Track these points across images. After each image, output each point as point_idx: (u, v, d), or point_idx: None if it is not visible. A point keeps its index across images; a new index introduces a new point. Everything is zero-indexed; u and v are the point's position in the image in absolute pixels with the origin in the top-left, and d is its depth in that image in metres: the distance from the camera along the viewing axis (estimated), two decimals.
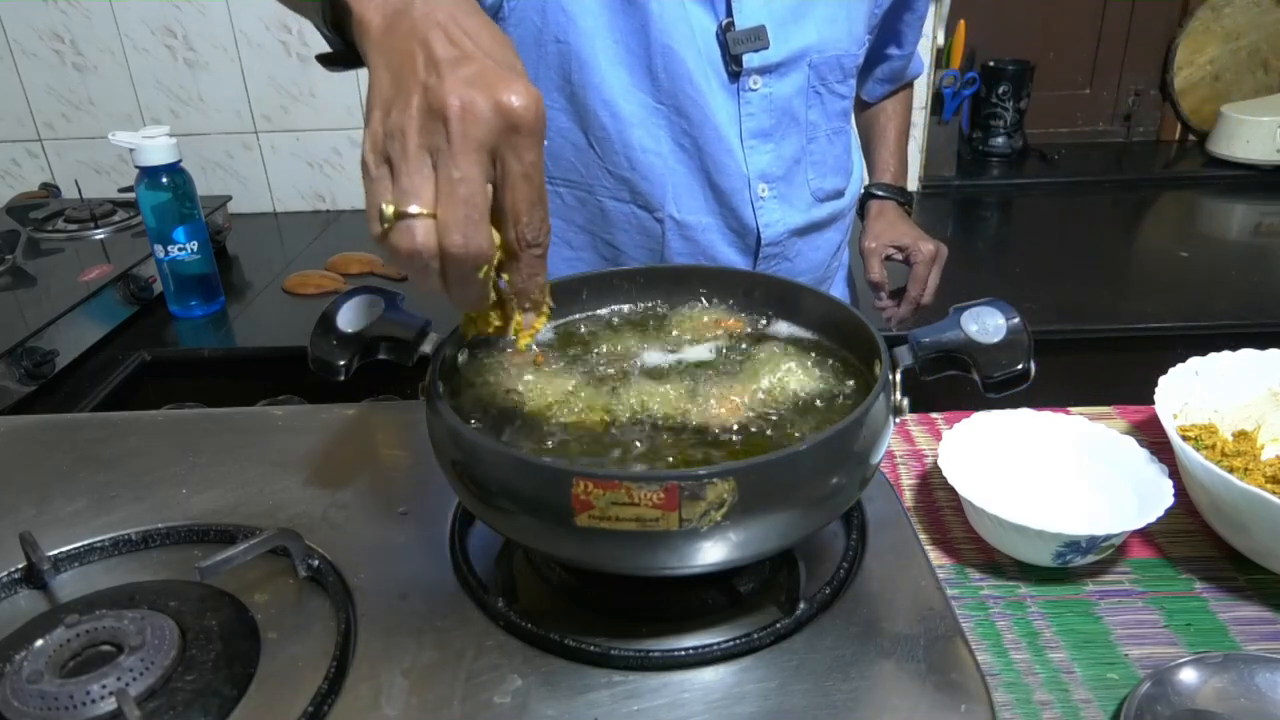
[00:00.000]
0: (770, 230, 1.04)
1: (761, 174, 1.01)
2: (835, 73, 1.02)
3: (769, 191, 1.03)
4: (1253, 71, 2.10)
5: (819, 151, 1.06)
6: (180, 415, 0.92)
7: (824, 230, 1.12)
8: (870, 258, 1.21)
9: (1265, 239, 1.76)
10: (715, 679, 0.56)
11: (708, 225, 1.03)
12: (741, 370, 0.67)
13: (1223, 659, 0.61)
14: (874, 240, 1.21)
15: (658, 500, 0.50)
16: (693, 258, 1.05)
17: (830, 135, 1.07)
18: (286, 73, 1.91)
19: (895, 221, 1.23)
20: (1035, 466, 0.82)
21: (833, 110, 1.06)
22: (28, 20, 1.85)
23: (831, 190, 1.10)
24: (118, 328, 1.43)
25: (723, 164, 0.99)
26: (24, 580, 0.67)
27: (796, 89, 1.00)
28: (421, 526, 0.70)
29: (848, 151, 1.13)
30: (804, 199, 1.07)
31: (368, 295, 0.66)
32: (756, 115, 0.99)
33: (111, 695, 0.53)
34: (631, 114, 0.96)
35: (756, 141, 1.00)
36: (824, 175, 1.08)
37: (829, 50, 1.00)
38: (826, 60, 1.00)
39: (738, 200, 1.01)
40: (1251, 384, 0.86)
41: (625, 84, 0.95)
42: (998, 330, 0.60)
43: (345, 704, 0.55)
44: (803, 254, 1.10)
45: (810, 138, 1.04)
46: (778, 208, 1.04)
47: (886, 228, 1.23)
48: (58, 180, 1.95)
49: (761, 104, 0.98)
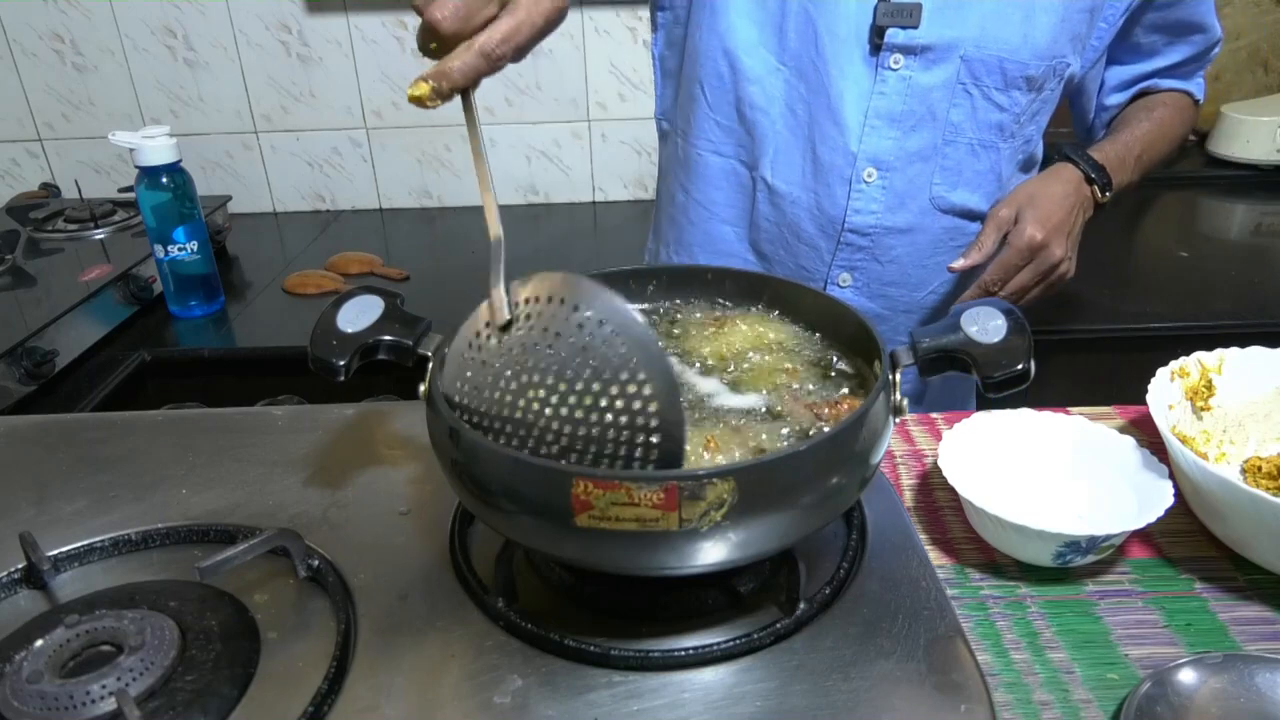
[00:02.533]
0: (860, 218, 0.98)
1: (874, 157, 0.97)
2: (994, 77, 0.94)
3: (877, 178, 0.97)
4: (1253, 71, 2.10)
5: (955, 158, 0.98)
6: (180, 415, 0.92)
7: (940, 250, 1.03)
8: (987, 220, 1.00)
9: (1265, 239, 1.76)
10: (715, 679, 0.56)
11: (798, 198, 0.99)
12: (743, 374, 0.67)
13: (1223, 659, 0.61)
14: (1004, 203, 1.00)
15: (657, 500, 0.50)
16: (778, 228, 1.02)
17: (975, 146, 0.98)
18: (286, 73, 1.91)
19: (1046, 186, 0.99)
20: (1035, 466, 0.82)
21: (985, 120, 0.97)
22: (28, 20, 1.85)
23: (960, 207, 1.01)
24: (118, 328, 1.43)
25: (829, 136, 0.96)
26: (24, 580, 0.67)
27: (942, 81, 0.94)
28: (421, 526, 0.70)
29: (995, 173, 1.01)
30: (919, 201, 1.00)
31: (368, 295, 0.66)
32: (889, 96, 0.95)
33: (111, 695, 0.53)
34: (750, 68, 0.96)
35: (881, 123, 0.95)
36: (954, 186, 1.00)
37: (989, 48, 0.93)
38: (985, 59, 0.93)
39: (834, 177, 0.97)
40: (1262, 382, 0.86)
41: (751, 39, 0.95)
42: (998, 330, 0.60)
43: (345, 704, 0.55)
44: (899, 261, 1.02)
45: (948, 140, 0.97)
46: (881, 197, 0.98)
47: (1027, 189, 1.00)
48: (58, 180, 1.95)
49: (897, 85, 0.94)
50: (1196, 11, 1.04)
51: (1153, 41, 1.06)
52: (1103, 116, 1.14)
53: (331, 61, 1.90)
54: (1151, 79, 1.11)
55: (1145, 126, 1.08)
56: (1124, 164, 1.05)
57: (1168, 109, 1.11)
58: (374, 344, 0.64)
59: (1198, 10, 1.04)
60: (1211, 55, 1.10)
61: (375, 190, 2.03)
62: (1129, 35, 1.04)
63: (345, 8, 1.85)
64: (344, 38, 1.88)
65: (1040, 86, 0.97)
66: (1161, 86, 1.12)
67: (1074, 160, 1.03)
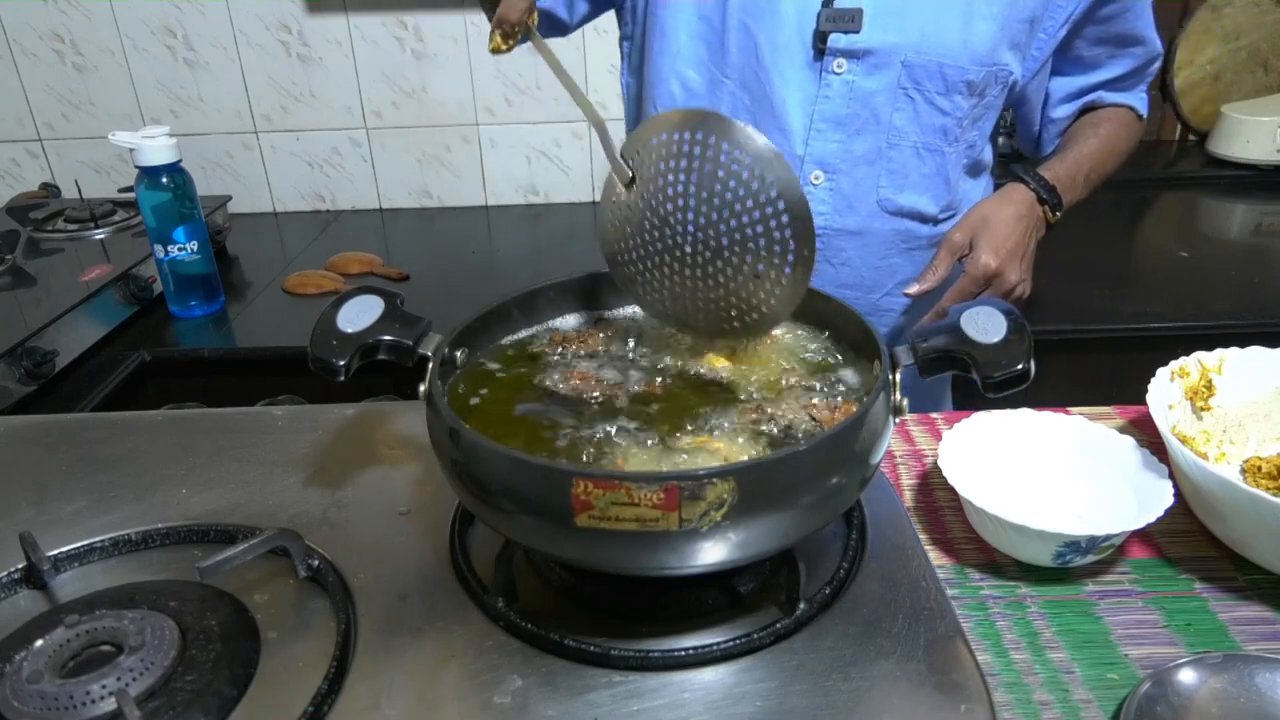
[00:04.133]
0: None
1: (821, 161, 0.99)
2: (935, 81, 0.96)
3: (824, 181, 1.00)
4: (1253, 71, 2.10)
5: (901, 161, 1.00)
6: (180, 415, 0.92)
7: (892, 252, 1.05)
8: (941, 246, 1.02)
9: (1265, 239, 1.76)
10: (715, 679, 0.56)
11: None
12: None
13: (1223, 659, 0.61)
14: (957, 227, 1.02)
15: (658, 500, 0.50)
16: None
17: (920, 149, 1.00)
18: (286, 73, 1.91)
19: (998, 209, 1.01)
20: (1035, 466, 0.82)
21: (928, 123, 0.99)
22: (28, 20, 1.85)
23: (909, 209, 1.03)
24: (118, 328, 1.43)
25: (775, 142, 0.96)
26: (24, 580, 0.67)
27: (884, 85, 0.96)
28: (421, 526, 0.70)
29: (942, 176, 1.03)
30: (867, 204, 1.02)
31: (368, 295, 0.66)
32: (833, 100, 0.97)
33: (111, 695, 0.53)
34: (697, 85, 1.00)
35: (826, 126, 0.98)
36: (901, 189, 1.02)
37: (930, 54, 0.95)
38: (925, 64, 0.96)
39: None
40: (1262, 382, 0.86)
41: (701, 57, 1.00)
42: (998, 330, 0.60)
43: (345, 704, 0.55)
44: (851, 264, 1.04)
45: (892, 143, 0.99)
46: (829, 200, 1.01)
47: (980, 212, 1.01)
48: (58, 180, 1.95)
49: (841, 90, 0.97)
50: (1136, 25, 1.06)
51: (1095, 54, 1.08)
52: (1050, 130, 1.16)
53: (331, 61, 1.90)
54: (1096, 92, 1.13)
55: (1093, 144, 1.10)
56: (1074, 183, 1.07)
57: (1113, 125, 1.12)
58: (374, 344, 0.64)
59: (1137, 24, 1.06)
60: (1152, 69, 1.12)
61: (375, 190, 2.03)
62: (1071, 47, 1.06)
63: (345, 8, 1.85)
64: (344, 38, 1.88)
65: (982, 92, 0.99)
66: (1106, 101, 1.14)
67: (1025, 180, 1.04)
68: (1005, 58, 0.98)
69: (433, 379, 0.61)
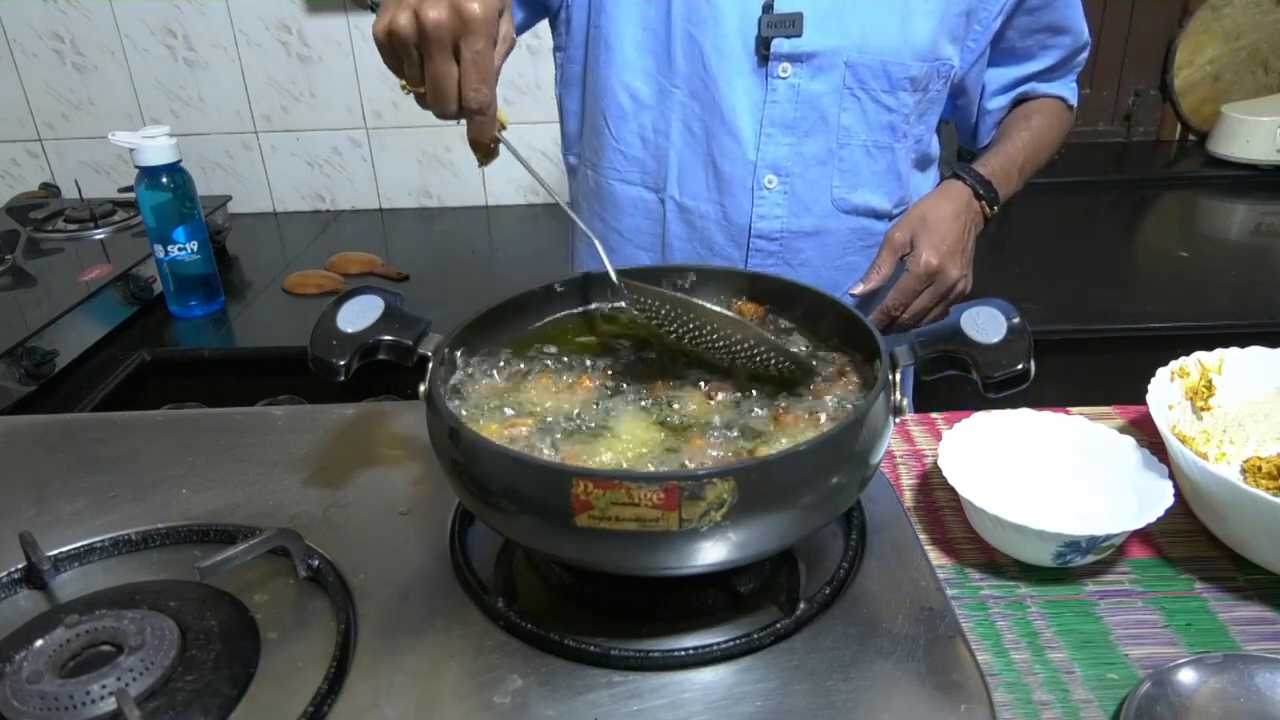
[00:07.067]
0: (766, 224, 1.03)
1: (773, 165, 1.00)
2: (879, 80, 0.97)
3: (777, 184, 1.01)
4: (1253, 71, 2.10)
5: (852, 160, 1.02)
6: (180, 415, 0.92)
7: (850, 250, 1.06)
8: (883, 246, 1.04)
9: (1265, 239, 1.76)
10: (715, 679, 0.56)
11: (706, 212, 1.04)
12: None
13: (1223, 659, 0.61)
14: (898, 226, 1.03)
15: (657, 500, 0.50)
16: (690, 243, 1.05)
17: (870, 147, 1.01)
18: (286, 73, 1.91)
19: (936, 207, 1.02)
20: (1035, 466, 0.82)
21: (875, 121, 1.00)
22: (28, 20, 1.85)
23: (863, 206, 1.04)
24: (118, 328, 1.43)
25: (727, 149, 1.00)
26: (24, 580, 0.67)
27: (830, 87, 0.97)
28: (421, 526, 0.70)
29: (894, 172, 1.04)
30: (822, 204, 1.03)
31: (368, 295, 0.66)
32: (780, 104, 0.98)
33: (111, 695, 0.53)
34: (648, 96, 1.01)
35: (776, 130, 0.99)
36: (854, 187, 1.03)
37: (872, 53, 0.96)
38: (868, 64, 0.97)
39: (738, 186, 1.01)
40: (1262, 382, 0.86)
41: (648, 68, 1.00)
42: (998, 330, 0.60)
43: (345, 704, 0.55)
44: (811, 264, 1.06)
45: (842, 143, 1.00)
46: (783, 202, 1.02)
47: (919, 211, 1.03)
48: (58, 180, 1.95)
49: (787, 93, 0.97)
50: (1064, 15, 1.08)
51: (1027, 45, 1.10)
52: (986, 121, 1.18)
53: (331, 61, 1.90)
54: (1029, 83, 1.15)
55: (1025, 136, 1.12)
56: (1009, 176, 1.09)
57: (1044, 116, 1.15)
58: (374, 344, 0.64)
59: (1064, 14, 1.08)
60: (1080, 59, 1.15)
61: (375, 190, 2.03)
62: (1004, 38, 1.08)
63: (345, 8, 1.85)
64: (344, 38, 1.88)
65: (925, 87, 1.01)
66: (1038, 92, 1.16)
67: (963, 177, 1.06)
68: (946, 51, 1.00)
69: (433, 379, 0.61)
